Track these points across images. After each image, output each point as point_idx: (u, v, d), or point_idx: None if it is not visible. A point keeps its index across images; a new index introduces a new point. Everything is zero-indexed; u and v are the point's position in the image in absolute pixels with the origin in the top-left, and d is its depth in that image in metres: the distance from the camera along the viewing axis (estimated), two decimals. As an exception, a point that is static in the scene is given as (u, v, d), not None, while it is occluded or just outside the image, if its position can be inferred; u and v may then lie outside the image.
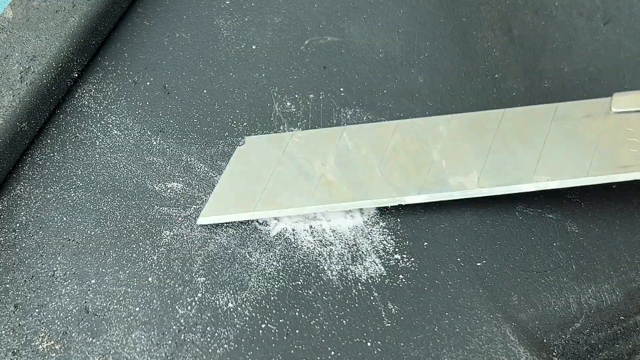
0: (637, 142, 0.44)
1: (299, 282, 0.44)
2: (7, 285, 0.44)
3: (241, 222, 0.46)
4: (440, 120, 0.48)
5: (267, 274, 0.44)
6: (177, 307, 0.43)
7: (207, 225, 0.46)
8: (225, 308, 0.43)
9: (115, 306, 0.43)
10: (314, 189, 0.46)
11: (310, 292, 0.43)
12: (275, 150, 0.48)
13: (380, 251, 0.45)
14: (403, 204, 0.45)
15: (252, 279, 0.44)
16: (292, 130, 0.50)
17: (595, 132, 0.45)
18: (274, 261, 0.45)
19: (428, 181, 0.45)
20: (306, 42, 0.55)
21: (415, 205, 0.47)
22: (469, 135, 0.47)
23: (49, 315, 0.43)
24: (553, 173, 0.44)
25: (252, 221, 0.46)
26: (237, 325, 0.42)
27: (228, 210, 0.46)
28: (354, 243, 0.45)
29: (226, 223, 0.46)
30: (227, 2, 0.57)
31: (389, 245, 0.45)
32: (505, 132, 0.47)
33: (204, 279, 0.44)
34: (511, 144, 0.46)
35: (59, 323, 0.43)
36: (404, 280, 0.44)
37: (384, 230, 0.46)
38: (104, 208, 0.47)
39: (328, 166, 0.47)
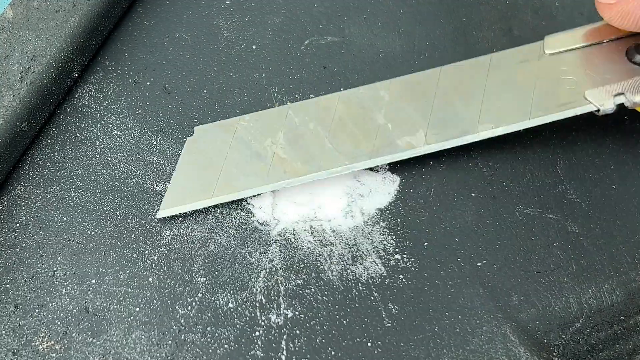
0: (573, 79, 0.45)
1: (299, 282, 0.44)
2: (7, 285, 0.44)
3: (241, 222, 0.46)
4: (380, 85, 0.49)
5: (267, 274, 0.44)
6: (177, 307, 0.43)
7: (206, 225, 0.46)
8: (226, 308, 0.43)
9: (115, 306, 0.43)
10: (268, 168, 0.46)
11: (311, 292, 0.43)
12: (225, 136, 0.48)
13: (381, 251, 0.45)
14: (356, 170, 0.46)
15: (252, 279, 0.44)
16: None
17: (532, 75, 0.46)
18: (274, 261, 0.45)
19: (377, 145, 0.46)
20: (306, 42, 0.55)
21: (416, 204, 0.47)
22: (411, 97, 0.48)
23: (49, 315, 0.43)
24: (497, 120, 0.45)
25: (252, 221, 0.46)
26: (237, 325, 0.42)
27: (186, 200, 0.46)
28: (354, 243, 0.45)
29: (225, 223, 0.46)
30: (227, 2, 0.57)
31: (389, 245, 0.45)
32: (446, 89, 0.48)
33: (204, 279, 0.44)
34: (452, 99, 0.47)
35: (59, 323, 0.43)
36: (404, 280, 0.44)
37: (384, 230, 0.46)
38: (104, 208, 0.47)
39: (278, 144, 0.47)
